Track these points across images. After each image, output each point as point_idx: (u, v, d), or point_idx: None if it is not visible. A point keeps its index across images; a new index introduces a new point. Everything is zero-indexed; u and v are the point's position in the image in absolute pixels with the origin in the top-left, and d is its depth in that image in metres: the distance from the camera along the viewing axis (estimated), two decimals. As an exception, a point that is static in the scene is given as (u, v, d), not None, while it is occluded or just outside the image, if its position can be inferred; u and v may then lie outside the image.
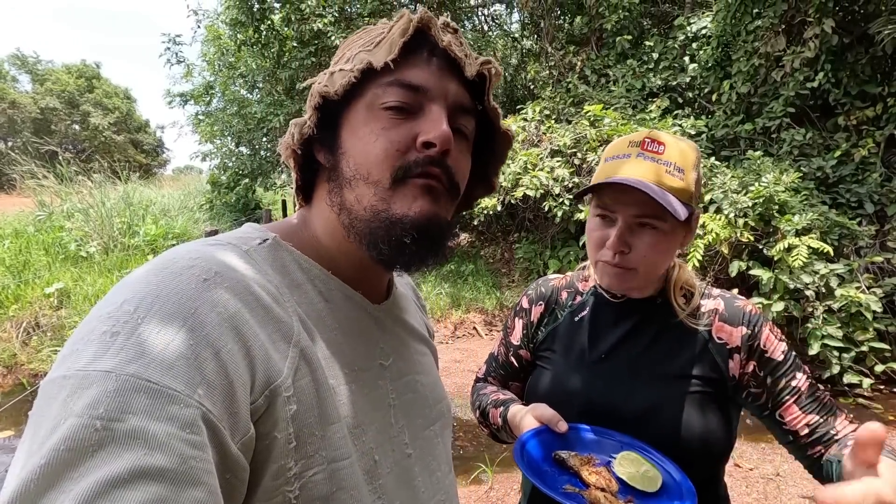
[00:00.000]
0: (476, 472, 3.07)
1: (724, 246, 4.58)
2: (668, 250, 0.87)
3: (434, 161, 0.53)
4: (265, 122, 9.98)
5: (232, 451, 0.41)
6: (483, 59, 0.56)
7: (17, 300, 5.19)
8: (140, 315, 0.40)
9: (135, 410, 0.36)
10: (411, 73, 0.53)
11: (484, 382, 1.14)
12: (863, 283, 4.37)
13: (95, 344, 0.39)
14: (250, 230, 0.57)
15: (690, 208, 0.85)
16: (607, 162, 0.89)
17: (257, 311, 0.47)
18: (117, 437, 0.35)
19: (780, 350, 0.87)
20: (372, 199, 0.53)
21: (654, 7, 8.21)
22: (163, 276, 0.44)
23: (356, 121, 0.54)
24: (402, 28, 0.53)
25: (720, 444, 0.86)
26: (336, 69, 0.55)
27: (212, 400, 0.40)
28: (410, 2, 9.56)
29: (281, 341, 0.48)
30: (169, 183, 15.90)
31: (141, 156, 35.42)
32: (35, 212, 8.14)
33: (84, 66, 36.39)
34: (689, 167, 0.85)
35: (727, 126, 6.32)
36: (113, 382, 0.36)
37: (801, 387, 0.85)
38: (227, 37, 11.29)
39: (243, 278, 0.48)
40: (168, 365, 0.39)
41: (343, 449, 0.50)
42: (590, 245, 0.92)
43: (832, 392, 4.33)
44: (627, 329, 0.94)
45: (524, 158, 5.83)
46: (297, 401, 0.47)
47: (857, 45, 5.47)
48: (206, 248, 0.49)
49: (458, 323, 6.16)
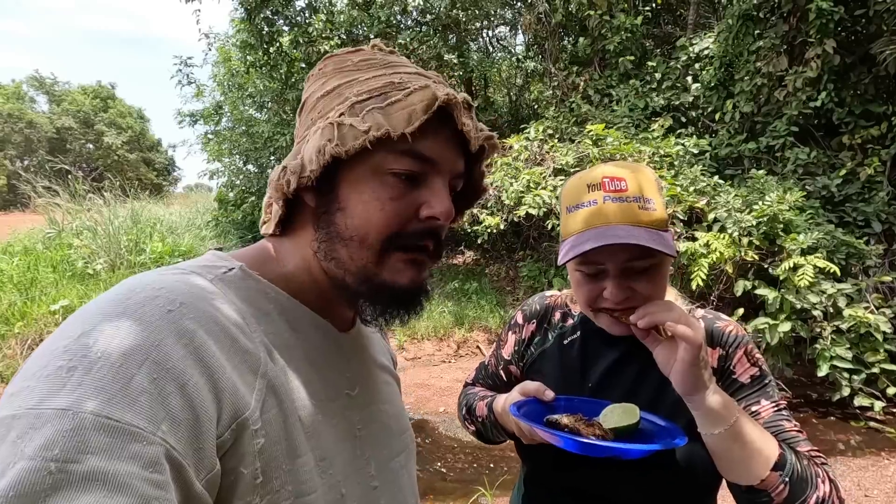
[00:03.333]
0: (475, 495, 3.01)
1: (729, 265, 4.53)
2: (664, 281, 0.87)
3: (431, 232, 0.55)
4: (272, 141, 10.14)
5: (196, 489, 0.39)
6: (486, 135, 0.57)
7: (23, 317, 5.23)
8: (99, 349, 0.38)
9: (93, 450, 0.34)
10: (424, 144, 0.53)
11: (472, 386, 1.15)
12: (871, 303, 4.30)
13: (50, 380, 0.36)
14: (215, 259, 0.55)
15: (669, 233, 0.84)
16: (571, 213, 0.85)
17: (223, 342, 0.46)
18: (74, 479, 0.33)
19: (749, 374, 0.85)
20: (365, 262, 0.54)
21: (656, 28, 8.31)
22: (124, 307, 0.42)
23: (360, 181, 0.53)
24: (426, 103, 0.52)
25: (712, 472, 0.84)
26: (345, 122, 0.52)
27: (176, 436, 0.38)
28: (415, 24, 9.75)
29: (248, 373, 0.47)
30: (179, 201, 16.12)
31: (153, 174, 35.99)
32: (45, 229, 8.26)
33: (100, 87, 37.31)
34: (654, 192, 0.84)
35: (730, 145, 6.32)
36: (69, 421, 0.34)
37: (762, 412, 0.82)
38: (237, 59, 11.54)
39: (209, 309, 0.46)
40: (130, 401, 0.37)
41: (310, 483, 0.49)
42: (582, 299, 0.88)
43: (842, 415, 4.23)
44: (616, 357, 0.92)
45: (527, 177, 5.85)
46: (265, 434, 0.46)
47: (859, 65, 5.49)
48: (169, 278, 0.47)
49: (461, 342, 6.12)
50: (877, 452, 3.70)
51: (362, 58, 0.58)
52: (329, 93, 0.56)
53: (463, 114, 0.54)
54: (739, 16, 6.16)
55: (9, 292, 5.64)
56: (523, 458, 1.00)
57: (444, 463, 3.66)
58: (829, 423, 4.18)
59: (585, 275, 0.86)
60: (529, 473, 1.00)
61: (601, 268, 0.83)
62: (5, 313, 5.26)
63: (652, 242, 0.78)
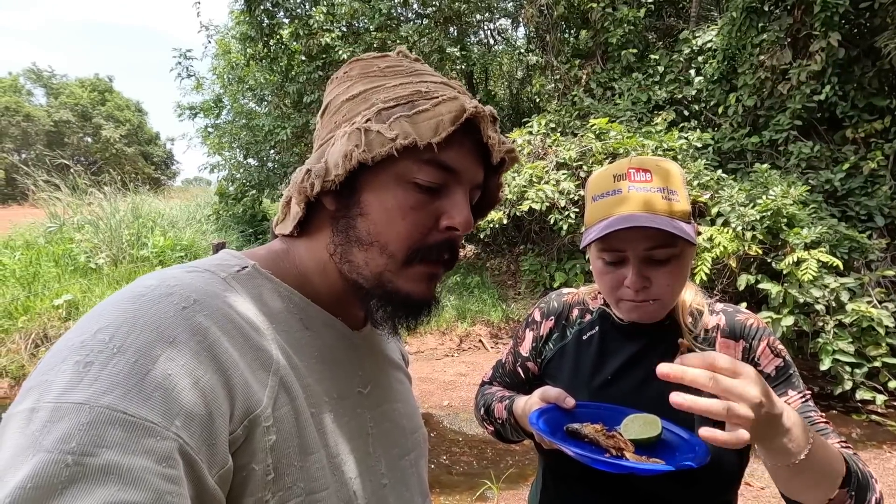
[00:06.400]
0: (482, 488, 3.03)
1: (732, 259, 4.54)
2: (685, 273, 0.87)
3: (450, 243, 0.57)
4: (273, 135, 10.09)
5: (209, 484, 0.40)
6: (508, 148, 0.58)
7: (26, 311, 5.23)
8: (115, 344, 0.39)
9: (109, 444, 0.35)
10: (448, 154, 0.54)
11: (489, 385, 1.15)
12: (874, 297, 4.31)
13: (68, 374, 0.37)
14: (228, 257, 0.56)
15: (692, 225, 0.85)
16: (596, 201, 0.87)
17: (237, 339, 0.46)
18: (89, 472, 0.34)
19: (774, 365, 0.85)
20: (381, 268, 0.55)
21: (658, 21, 8.26)
22: (139, 303, 0.43)
23: (382, 188, 0.54)
24: (454, 115, 0.52)
25: (731, 467, 0.84)
26: (372, 128, 0.51)
27: (189, 431, 0.39)
28: (416, 17, 9.68)
29: (260, 370, 0.47)
30: (178, 194, 16.05)
31: (151, 168, 35.89)
32: (46, 223, 8.24)
33: (97, 80, 37.11)
34: (680, 186, 0.85)
35: (734, 139, 6.31)
36: (86, 415, 0.35)
37: (790, 403, 0.82)
38: (237, 51, 11.47)
39: (222, 306, 0.47)
40: (145, 396, 0.38)
41: (322, 480, 0.50)
42: (604, 287, 0.90)
43: (844, 409, 4.26)
44: (634, 352, 0.93)
45: (529, 171, 5.83)
46: (277, 431, 0.46)
47: (863, 59, 5.47)
48: (183, 275, 0.48)
49: (463, 336, 6.13)
50: (878, 446, 3.73)
51: (388, 64, 0.58)
52: (355, 97, 0.56)
53: (489, 126, 0.55)
54: (743, 8, 6.12)
55: (11, 287, 5.64)
56: (542, 452, 1.00)
57: (449, 457, 3.68)
58: (831, 417, 4.20)
59: (606, 263, 0.87)
60: (549, 467, 1.01)
61: (622, 255, 0.84)
62: (8, 308, 5.26)
63: (672, 228, 0.78)
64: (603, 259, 0.87)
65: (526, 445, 3.47)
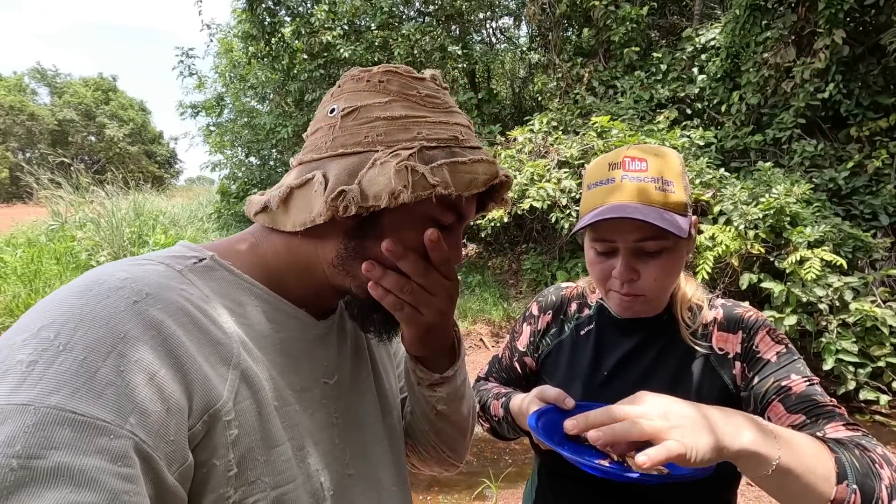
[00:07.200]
0: (480, 487, 3.01)
1: (734, 258, 4.51)
2: (676, 267, 0.85)
3: None
4: (274, 133, 10.10)
5: (168, 482, 0.39)
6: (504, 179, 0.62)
7: (27, 309, 5.24)
8: (61, 341, 0.37)
9: (58, 445, 0.34)
10: (466, 203, 0.59)
11: (485, 381, 1.12)
12: (878, 296, 4.27)
13: (10, 375, 0.36)
14: (184, 249, 0.54)
15: (688, 218, 0.83)
16: (591, 189, 0.85)
17: (193, 333, 0.45)
18: (38, 475, 0.32)
19: (775, 351, 0.83)
20: None
21: (661, 19, 8.22)
22: (87, 298, 0.41)
23: (406, 224, 0.56)
24: (487, 178, 0.57)
25: (730, 467, 0.82)
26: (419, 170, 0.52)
27: (145, 429, 0.38)
28: (418, 15, 9.66)
29: (220, 364, 0.46)
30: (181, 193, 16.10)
31: (154, 166, 35.99)
32: (48, 222, 8.26)
33: (101, 79, 37.24)
34: (677, 176, 0.82)
35: (737, 137, 6.27)
36: (31, 416, 0.34)
37: (793, 387, 0.78)
38: (239, 50, 11.48)
39: (178, 299, 0.46)
40: (95, 394, 0.36)
41: (288, 473, 0.49)
42: (594, 277, 0.89)
43: (848, 409, 4.21)
44: (631, 347, 0.91)
45: (531, 170, 5.81)
46: (239, 425, 0.45)
47: (868, 56, 5.42)
48: (135, 268, 0.46)
49: (464, 334, 6.12)
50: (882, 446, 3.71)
51: (428, 92, 0.58)
52: (395, 119, 0.55)
53: (506, 191, 0.63)
54: (747, 6, 6.08)
55: (13, 284, 5.65)
56: (538, 451, 0.99)
57: (448, 455, 3.67)
58: (833, 417, 4.18)
59: (598, 253, 0.86)
60: (544, 465, 0.99)
61: (612, 245, 0.83)
62: (9, 305, 5.27)
63: (660, 221, 0.76)
64: (595, 249, 0.86)
65: (525, 444, 3.44)
